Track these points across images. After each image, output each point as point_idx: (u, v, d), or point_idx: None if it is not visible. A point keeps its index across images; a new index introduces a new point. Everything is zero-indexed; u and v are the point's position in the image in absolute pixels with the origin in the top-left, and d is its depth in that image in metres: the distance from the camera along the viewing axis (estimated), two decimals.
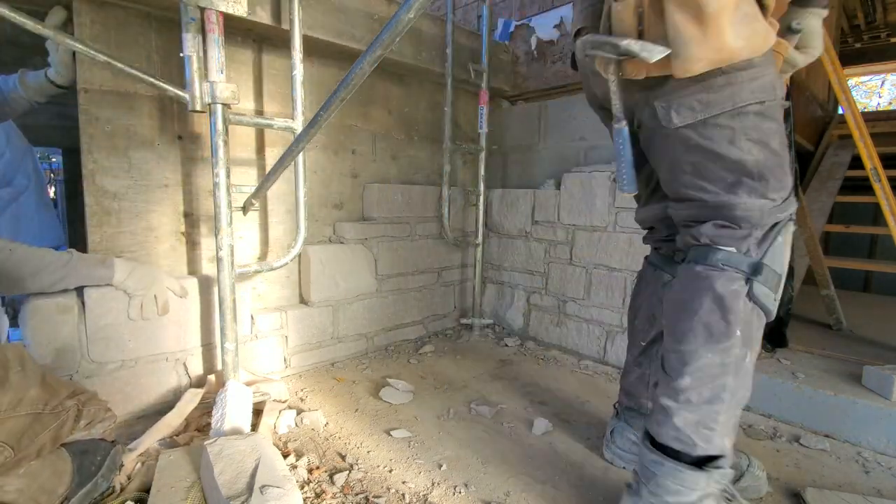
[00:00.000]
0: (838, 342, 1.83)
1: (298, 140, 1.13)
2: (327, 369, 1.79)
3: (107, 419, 0.99)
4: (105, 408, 0.99)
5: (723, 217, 0.87)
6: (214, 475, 0.91)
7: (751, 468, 1.08)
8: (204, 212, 1.55)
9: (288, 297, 1.80)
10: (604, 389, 1.65)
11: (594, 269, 1.91)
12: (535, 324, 2.16)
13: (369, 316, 1.96)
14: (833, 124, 2.93)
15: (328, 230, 1.92)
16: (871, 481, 1.15)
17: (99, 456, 0.98)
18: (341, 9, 1.66)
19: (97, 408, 0.97)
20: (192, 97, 1.23)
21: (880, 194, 1.55)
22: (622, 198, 1.80)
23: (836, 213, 2.85)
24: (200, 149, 1.53)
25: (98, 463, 0.97)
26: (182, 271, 1.52)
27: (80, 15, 1.29)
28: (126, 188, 1.40)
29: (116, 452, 1.02)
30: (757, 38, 0.77)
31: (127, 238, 1.40)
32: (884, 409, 1.27)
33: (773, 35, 0.79)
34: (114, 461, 1.00)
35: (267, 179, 1.31)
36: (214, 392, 1.35)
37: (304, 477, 1.10)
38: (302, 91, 1.48)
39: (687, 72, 0.78)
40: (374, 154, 2.03)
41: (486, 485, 1.11)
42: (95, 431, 1.00)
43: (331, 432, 1.33)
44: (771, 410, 1.45)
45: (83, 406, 0.93)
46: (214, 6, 1.22)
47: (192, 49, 1.21)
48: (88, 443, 1.00)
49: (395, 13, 0.70)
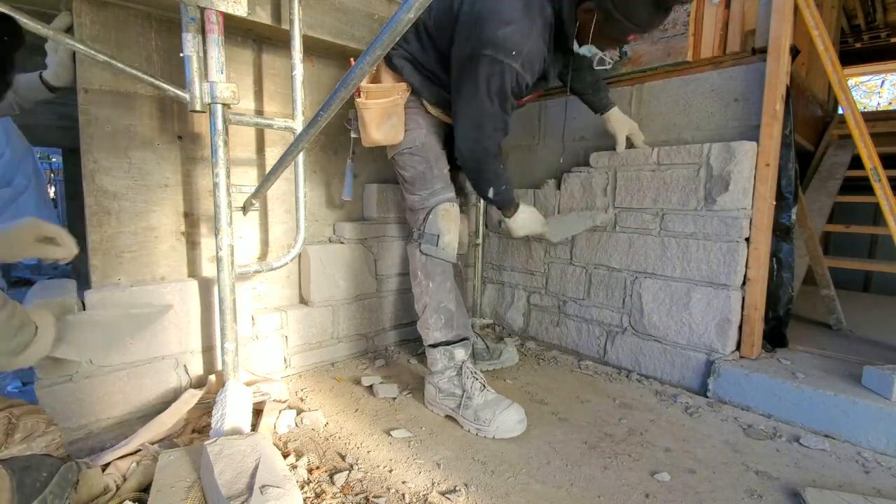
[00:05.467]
0: (838, 342, 1.83)
1: (298, 140, 1.13)
2: (327, 369, 1.79)
3: (48, 433, 0.93)
4: (46, 421, 0.94)
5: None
6: (214, 475, 0.91)
7: (506, 349, 1.84)
8: (204, 212, 1.55)
9: (288, 297, 1.80)
10: (604, 389, 1.65)
11: (594, 269, 1.91)
12: (535, 324, 2.16)
13: (369, 316, 1.96)
14: (833, 124, 2.92)
15: (328, 230, 1.92)
16: (871, 481, 1.15)
17: (45, 472, 0.88)
18: (341, 9, 1.66)
19: (35, 421, 0.91)
20: (192, 97, 1.23)
21: (880, 194, 1.54)
22: (622, 198, 1.80)
23: (836, 213, 2.85)
24: (200, 149, 1.53)
25: (44, 480, 0.87)
26: (182, 271, 1.52)
27: (80, 15, 1.29)
28: (126, 188, 1.40)
29: (68, 468, 0.92)
30: (392, 132, 1.44)
31: (127, 238, 1.40)
32: (884, 409, 1.27)
33: (401, 133, 1.45)
34: (65, 477, 0.91)
35: (267, 179, 1.31)
36: (214, 392, 1.35)
37: (304, 477, 1.10)
38: (302, 91, 1.48)
39: (365, 144, 1.47)
40: (373, 154, 2.03)
41: (485, 485, 1.11)
42: (36, 446, 0.91)
43: (331, 432, 1.33)
44: (771, 410, 1.45)
45: (17, 419, 0.88)
46: (214, 6, 1.22)
47: (192, 49, 1.21)
48: (29, 458, 0.89)
49: (395, 13, 0.70)
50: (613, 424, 1.40)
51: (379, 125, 1.42)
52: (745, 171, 1.51)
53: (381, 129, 1.43)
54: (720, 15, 1.67)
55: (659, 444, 1.30)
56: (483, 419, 1.32)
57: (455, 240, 1.47)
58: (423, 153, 1.46)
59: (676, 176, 1.65)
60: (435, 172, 1.47)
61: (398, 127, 1.44)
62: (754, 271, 1.54)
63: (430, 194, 1.47)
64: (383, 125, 1.42)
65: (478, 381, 1.40)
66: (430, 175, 1.47)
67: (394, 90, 1.42)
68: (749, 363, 1.55)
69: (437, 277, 1.47)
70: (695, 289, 1.62)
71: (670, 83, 1.82)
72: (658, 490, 1.10)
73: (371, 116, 1.41)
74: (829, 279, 1.97)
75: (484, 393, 1.37)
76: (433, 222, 1.45)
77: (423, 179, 1.47)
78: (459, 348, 1.45)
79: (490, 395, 1.37)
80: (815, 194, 2.48)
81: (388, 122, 1.42)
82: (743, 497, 1.08)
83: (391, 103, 1.42)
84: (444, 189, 1.48)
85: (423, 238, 1.47)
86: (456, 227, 1.47)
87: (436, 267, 1.47)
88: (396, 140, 1.45)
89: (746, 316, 1.56)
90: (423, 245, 1.46)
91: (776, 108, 1.50)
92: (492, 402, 1.35)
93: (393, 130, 1.44)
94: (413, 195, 1.50)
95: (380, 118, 1.42)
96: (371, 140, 1.44)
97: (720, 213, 1.56)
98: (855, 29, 4.25)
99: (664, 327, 1.71)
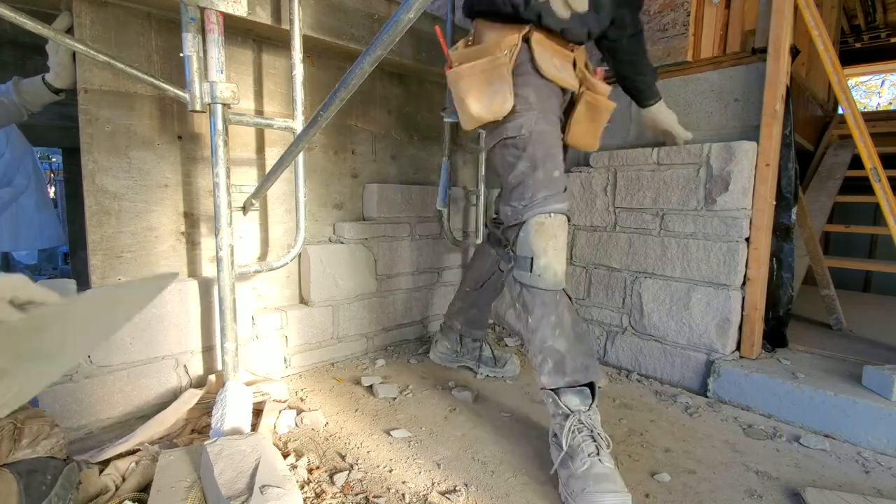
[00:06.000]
0: (838, 342, 1.83)
1: (298, 140, 1.13)
2: (327, 369, 1.79)
3: (52, 436, 0.94)
4: (50, 424, 0.94)
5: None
6: (214, 475, 0.91)
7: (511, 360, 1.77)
8: (204, 212, 1.55)
9: (288, 297, 1.80)
10: (604, 390, 1.65)
11: (594, 269, 1.91)
12: None
13: (369, 316, 1.96)
14: (833, 124, 2.92)
15: (328, 230, 1.92)
16: (871, 481, 1.15)
17: (49, 475, 0.91)
18: (341, 9, 1.66)
19: (40, 424, 0.92)
20: (192, 97, 1.23)
21: (880, 194, 1.54)
22: (622, 198, 1.80)
23: (836, 213, 2.85)
24: (200, 149, 1.53)
25: (49, 482, 0.90)
26: (182, 271, 1.52)
27: (81, 15, 1.29)
28: (126, 188, 1.40)
29: (71, 470, 0.95)
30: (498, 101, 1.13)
31: (127, 238, 1.40)
32: (884, 409, 1.27)
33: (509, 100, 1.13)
34: (68, 479, 0.93)
35: (267, 179, 1.31)
36: (214, 392, 1.35)
37: (304, 477, 1.10)
38: (302, 91, 1.48)
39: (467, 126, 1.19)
40: (373, 154, 2.03)
41: (485, 485, 1.11)
42: (41, 449, 0.92)
43: (331, 432, 1.33)
44: (771, 410, 1.45)
45: (22, 424, 0.89)
46: (214, 6, 1.22)
47: (192, 49, 1.21)
48: (36, 461, 0.92)
49: (395, 13, 0.70)
50: (613, 424, 1.40)
51: (479, 95, 1.12)
52: (745, 171, 1.51)
53: (483, 100, 1.13)
54: (720, 15, 1.68)
55: (659, 444, 1.30)
56: (571, 489, 1.02)
57: (557, 262, 1.15)
58: (528, 147, 1.14)
59: (676, 176, 1.65)
60: (539, 175, 1.14)
61: (504, 93, 1.12)
62: (754, 271, 1.54)
63: (529, 205, 1.14)
64: (484, 94, 1.12)
65: (594, 441, 1.06)
66: (533, 178, 1.14)
67: (497, 46, 1.13)
68: (749, 363, 1.55)
69: (535, 311, 1.16)
70: (695, 289, 1.62)
71: (670, 83, 1.82)
72: (658, 490, 1.10)
73: (468, 85, 1.13)
74: (829, 279, 1.97)
75: (592, 460, 1.03)
76: (524, 241, 1.15)
77: (523, 185, 1.15)
78: (573, 396, 1.13)
79: (599, 467, 1.02)
80: (815, 194, 2.48)
81: (489, 89, 1.12)
82: (743, 497, 1.08)
83: (490, 64, 1.12)
84: (549, 199, 1.14)
85: (516, 262, 1.18)
86: (556, 244, 1.15)
87: (534, 298, 1.16)
88: (504, 110, 1.13)
89: (746, 316, 1.56)
90: (516, 271, 1.18)
91: (776, 108, 1.50)
92: (595, 475, 1.01)
93: (499, 98, 1.12)
94: (507, 205, 1.20)
95: (479, 85, 1.13)
96: (472, 117, 1.14)
97: (720, 213, 1.56)
98: (855, 29, 4.25)
99: (664, 327, 1.71)
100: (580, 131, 1.32)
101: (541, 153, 1.14)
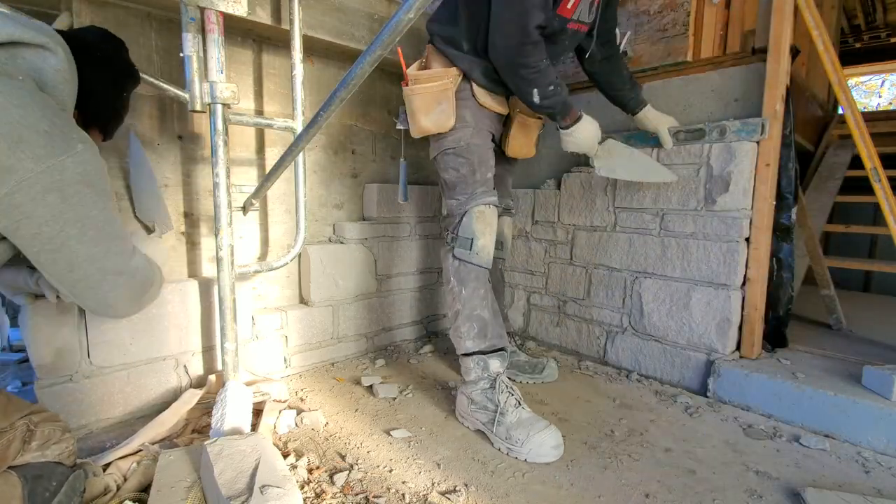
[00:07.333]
0: (838, 342, 1.83)
1: (298, 140, 1.13)
2: (327, 369, 1.79)
3: (63, 441, 0.92)
4: (62, 429, 0.93)
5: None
6: (214, 475, 0.91)
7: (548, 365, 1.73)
8: (204, 212, 1.55)
9: (288, 297, 1.80)
10: (604, 390, 1.65)
11: (594, 269, 1.91)
12: (534, 324, 2.16)
13: (369, 316, 1.96)
14: (833, 124, 2.93)
15: (328, 230, 1.92)
16: (871, 481, 1.15)
17: (55, 481, 0.89)
18: (341, 9, 1.66)
19: (52, 429, 0.91)
20: (192, 97, 1.23)
21: (880, 194, 1.54)
22: (622, 198, 1.80)
23: (836, 213, 2.85)
24: (200, 149, 1.53)
25: (54, 489, 0.88)
26: (182, 271, 1.52)
27: (80, 15, 1.29)
28: (126, 188, 1.39)
29: (76, 478, 0.93)
30: (442, 118, 1.38)
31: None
32: (884, 409, 1.27)
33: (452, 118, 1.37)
34: (73, 487, 0.92)
35: (267, 179, 1.31)
36: (214, 392, 1.35)
37: (304, 477, 1.10)
38: (302, 91, 1.48)
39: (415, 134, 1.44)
40: (374, 154, 2.03)
41: (485, 485, 1.11)
42: (50, 453, 0.91)
43: (331, 432, 1.33)
44: (771, 410, 1.45)
45: (35, 426, 0.88)
46: (214, 6, 1.22)
47: (192, 49, 1.21)
48: (43, 466, 0.89)
49: (395, 13, 0.71)
50: (613, 424, 1.40)
51: (428, 111, 1.37)
52: (745, 172, 1.51)
53: (431, 116, 1.38)
54: (720, 15, 1.67)
55: (659, 444, 1.30)
56: (515, 439, 1.23)
57: (490, 244, 1.40)
58: (467, 154, 1.40)
59: (676, 176, 1.65)
60: (477, 177, 1.41)
61: (448, 112, 1.38)
62: (754, 271, 1.54)
63: (469, 198, 1.40)
64: (433, 111, 1.38)
65: (513, 396, 1.31)
66: (472, 179, 1.40)
67: (444, 74, 1.38)
68: (749, 363, 1.55)
69: (470, 283, 1.39)
70: (695, 289, 1.62)
71: (670, 83, 1.82)
72: (658, 490, 1.10)
73: (420, 103, 1.37)
74: (829, 279, 1.97)
75: (518, 410, 1.28)
76: (467, 225, 1.38)
77: (465, 183, 1.41)
78: (494, 359, 1.38)
79: (525, 413, 1.28)
80: (815, 194, 2.48)
81: (437, 107, 1.37)
82: (743, 497, 1.08)
83: (440, 88, 1.37)
84: (485, 193, 1.41)
85: (457, 242, 1.39)
86: (492, 230, 1.40)
87: (469, 272, 1.39)
88: (447, 126, 1.38)
89: (746, 316, 1.56)
90: (457, 249, 1.39)
91: (776, 108, 1.50)
92: (526, 421, 1.25)
93: (443, 116, 1.38)
94: (451, 199, 1.45)
95: (429, 104, 1.37)
96: (420, 128, 1.39)
97: (720, 213, 1.56)
98: (855, 29, 4.26)
99: (664, 327, 1.71)
100: (517, 144, 1.59)
101: (476, 160, 1.41)
